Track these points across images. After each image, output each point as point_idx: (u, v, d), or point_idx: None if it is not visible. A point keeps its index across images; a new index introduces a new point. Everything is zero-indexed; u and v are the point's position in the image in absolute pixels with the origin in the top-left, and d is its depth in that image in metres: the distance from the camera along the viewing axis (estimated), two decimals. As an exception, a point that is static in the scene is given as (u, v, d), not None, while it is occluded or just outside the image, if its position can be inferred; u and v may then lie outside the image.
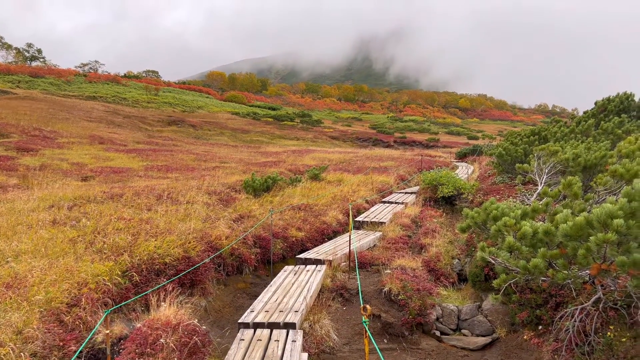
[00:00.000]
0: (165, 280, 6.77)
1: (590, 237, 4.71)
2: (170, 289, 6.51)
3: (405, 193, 17.67)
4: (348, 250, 9.18)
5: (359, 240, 10.48)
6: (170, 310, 5.48)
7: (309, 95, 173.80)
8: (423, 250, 10.12)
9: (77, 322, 5.32)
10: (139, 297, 6.11)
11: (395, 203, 15.42)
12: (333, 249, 9.66)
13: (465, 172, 23.85)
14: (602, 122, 14.14)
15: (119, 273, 6.39)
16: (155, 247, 7.27)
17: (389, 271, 8.34)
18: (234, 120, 72.71)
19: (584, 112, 17.53)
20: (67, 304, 5.48)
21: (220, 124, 63.17)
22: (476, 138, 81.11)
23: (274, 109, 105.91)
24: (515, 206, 7.31)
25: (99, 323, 4.94)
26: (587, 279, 5.76)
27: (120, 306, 5.96)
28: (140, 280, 6.52)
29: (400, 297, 7.38)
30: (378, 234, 11.37)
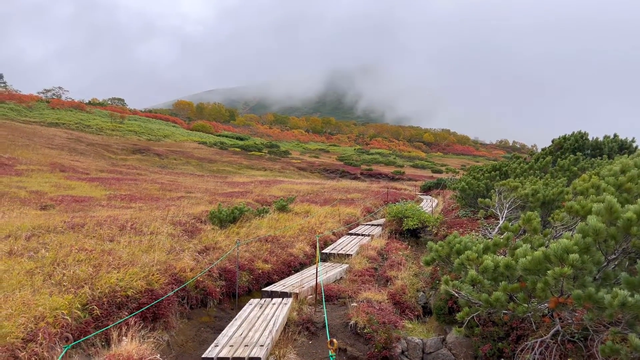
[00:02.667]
0: (127, 313, 6.60)
1: (548, 271, 4.90)
2: (133, 322, 6.35)
3: (372, 225, 17.82)
4: (315, 283, 9.18)
5: (326, 273, 10.48)
6: (132, 345, 5.33)
7: (277, 126, 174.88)
8: (389, 283, 10.20)
9: (34, 359, 5.11)
10: (100, 332, 5.93)
11: (362, 235, 15.53)
12: (300, 281, 9.63)
13: (429, 205, 24.32)
14: (559, 160, 14.78)
15: (79, 306, 6.19)
16: (117, 279, 7.09)
17: (355, 304, 8.36)
18: (201, 149, 72.20)
19: (542, 149, 18.30)
20: (22, 339, 5.27)
21: (186, 153, 62.60)
22: (440, 172, 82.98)
23: (241, 139, 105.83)
24: (477, 240, 7.51)
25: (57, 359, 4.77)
26: (547, 312, 5.95)
27: (80, 341, 5.76)
28: (101, 313, 6.33)
29: (366, 330, 7.40)
30: (345, 266, 11.41)
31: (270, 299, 8.65)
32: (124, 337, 5.67)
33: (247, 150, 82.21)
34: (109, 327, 6.02)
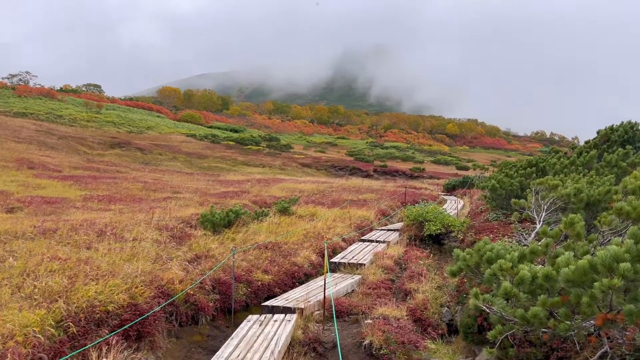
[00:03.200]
0: (107, 331, 6.64)
1: (595, 283, 4.87)
2: (114, 342, 6.39)
3: (388, 230, 17.87)
4: (322, 296, 9.19)
5: (335, 285, 10.51)
6: (113, 368, 5.37)
7: (277, 116, 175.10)
8: (408, 297, 10.20)
9: (1, 383, 5.16)
10: (77, 352, 5.97)
11: (376, 242, 15.57)
12: (305, 295, 9.65)
13: (454, 207, 24.29)
14: (606, 154, 14.73)
15: (53, 323, 6.24)
16: (96, 292, 7.14)
17: (369, 321, 8.37)
18: (190, 143, 72.48)
19: (586, 142, 18.22)
20: (-12, 360, 5.32)
21: (173, 147, 62.87)
22: (466, 168, 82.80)
23: (236, 131, 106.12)
24: (511, 247, 7.50)
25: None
26: (592, 330, 5.92)
27: (53, 363, 5.80)
28: (77, 331, 6.37)
29: (382, 351, 7.41)
30: (357, 277, 11.43)
31: (271, 315, 8.68)
32: (104, 359, 5.71)
33: (243, 144, 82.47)
34: (87, 347, 6.06)
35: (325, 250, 9.92)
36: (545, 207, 11.19)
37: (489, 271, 6.39)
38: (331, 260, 12.76)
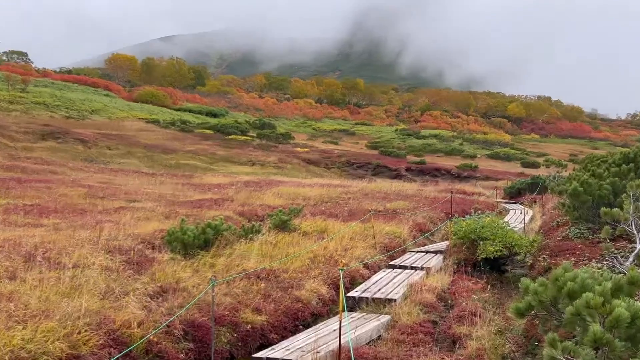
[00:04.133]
0: (39, 394, 6.64)
1: None
2: (48, 409, 6.39)
3: (427, 252, 17.86)
4: (337, 345, 9.17)
5: (355, 330, 10.48)
6: None
7: (272, 94, 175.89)
8: (457, 346, 10.17)
9: None
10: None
11: (411, 268, 15.55)
12: (313, 343, 9.64)
13: (520, 219, 24.18)
14: None
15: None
16: (22, 339, 7.16)
17: (403, 379, 8.35)
18: (151, 132, 72.86)
19: None
20: None
21: (127, 138, 63.20)
22: (536, 165, 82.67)
23: (215, 115, 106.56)
24: (602, 275, 7.45)
25: None
26: None
27: None
28: (-3, 394, 6.39)
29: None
30: (385, 318, 11.40)
31: (265, 371, 8.67)
32: None
33: (225, 133, 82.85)
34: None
35: (342, 281, 9.89)
36: (649, 219, 11.14)
37: (570, 309, 6.36)
38: (348, 295, 12.72)
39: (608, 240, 12.93)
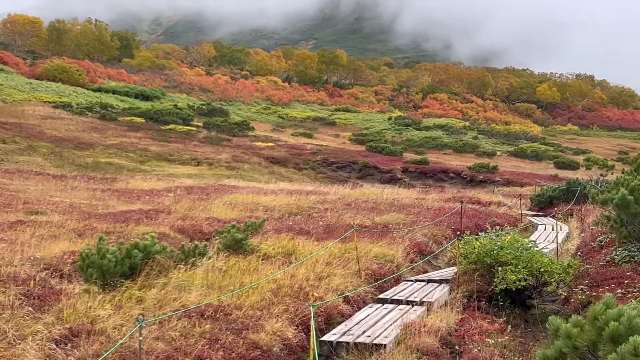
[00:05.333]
0: None
1: None
2: None
3: (428, 282, 17.85)
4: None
5: (331, 386, 10.46)
6: None
7: (224, 70, 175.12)
8: (466, 407, 10.18)
9: None
10: None
11: (407, 303, 15.53)
12: (274, 404, 9.61)
13: (551, 237, 24.31)
14: None
15: None
16: None
17: None
18: (61, 120, 72.35)
19: None
20: None
21: (29, 128, 62.70)
22: (574, 166, 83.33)
23: (147, 98, 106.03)
24: (655, 313, 7.51)
25: None
26: None
27: None
28: None
29: None
30: (371, 370, 11.38)
31: None
32: None
33: (160, 122, 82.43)
34: None
35: (312, 321, 9.89)
36: None
37: (614, 357, 6.39)
38: (323, 339, 12.68)
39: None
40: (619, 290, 13.10)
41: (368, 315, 14.53)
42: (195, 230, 20.51)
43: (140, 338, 9.34)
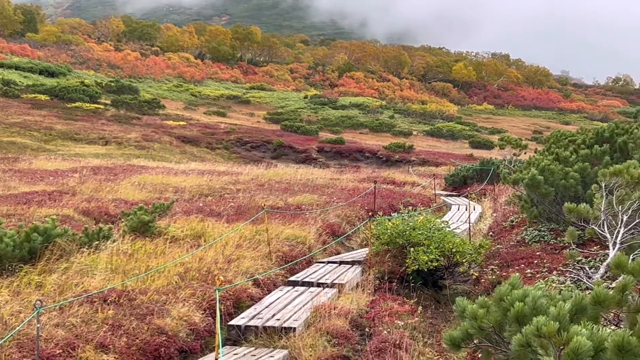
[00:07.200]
0: None
1: None
2: None
3: (340, 264, 17.89)
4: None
5: (238, 371, 10.44)
6: None
7: (133, 46, 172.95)
8: (376, 389, 10.25)
9: None
10: None
11: (318, 285, 15.56)
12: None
13: (464, 218, 24.63)
14: None
15: None
16: None
17: None
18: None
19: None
20: None
21: None
22: (489, 145, 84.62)
23: (53, 74, 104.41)
24: (561, 293, 7.64)
25: None
26: None
27: None
28: None
29: None
30: (280, 354, 11.39)
31: None
32: None
33: (66, 100, 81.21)
34: None
35: (218, 305, 9.84)
36: (625, 219, 11.48)
37: (518, 338, 6.47)
38: (231, 323, 12.65)
39: (574, 246, 13.27)
40: (529, 270, 13.31)
41: (278, 298, 14.55)
42: (101, 212, 20.29)
43: (39, 325, 9.20)
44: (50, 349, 9.81)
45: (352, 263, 17.81)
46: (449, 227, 18.78)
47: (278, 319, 12.95)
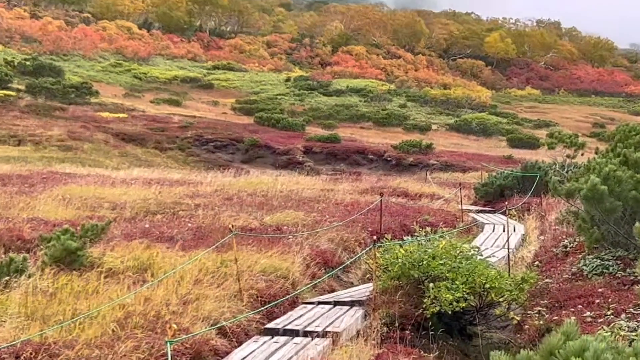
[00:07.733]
0: None
1: None
2: None
3: (335, 305, 17.87)
4: None
5: None
6: None
7: (55, 12, 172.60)
8: None
9: None
10: None
11: (305, 335, 15.52)
12: None
13: (500, 241, 24.62)
14: None
15: None
16: None
17: None
18: None
19: None
20: None
21: None
22: (533, 144, 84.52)
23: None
24: (633, 345, 7.61)
25: None
26: None
27: None
28: None
29: None
30: None
31: None
32: None
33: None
34: None
35: (170, 362, 9.80)
36: None
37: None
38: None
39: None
40: (588, 313, 13.27)
41: (252, 352, 14.46)
42: (12, 236, 20.16)
43: None
44: None
45: (351, 304, 17.72)
46: (481, 255, 18.73)
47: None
